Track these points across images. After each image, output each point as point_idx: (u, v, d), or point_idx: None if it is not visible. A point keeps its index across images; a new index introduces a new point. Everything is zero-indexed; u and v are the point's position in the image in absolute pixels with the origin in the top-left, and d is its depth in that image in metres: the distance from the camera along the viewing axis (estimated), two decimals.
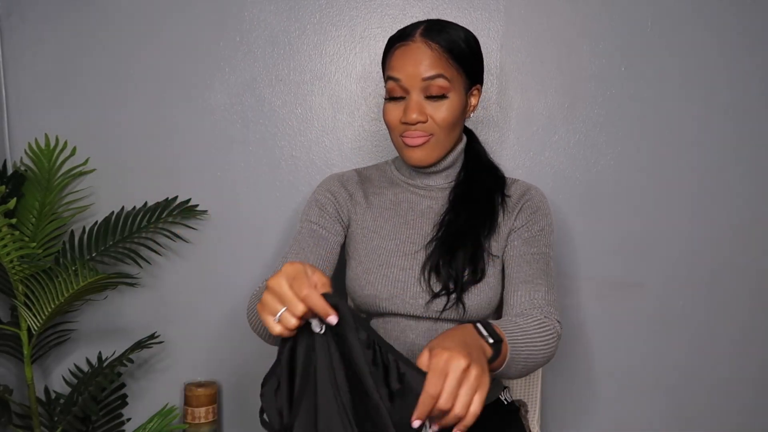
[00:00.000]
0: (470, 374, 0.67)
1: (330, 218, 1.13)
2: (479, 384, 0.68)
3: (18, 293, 1.23)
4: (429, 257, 1.06)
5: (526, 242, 1.06)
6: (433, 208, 1.12)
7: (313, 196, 1.16)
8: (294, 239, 1.11)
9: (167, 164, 1.42)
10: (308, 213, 1.14)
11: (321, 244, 1.10)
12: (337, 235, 1.13)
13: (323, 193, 1.16)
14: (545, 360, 0.93)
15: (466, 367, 0.67)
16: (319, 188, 1.18)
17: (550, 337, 0.93)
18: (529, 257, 1.04)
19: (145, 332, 1.42)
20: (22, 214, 1.30)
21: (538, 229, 1.08)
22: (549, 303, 0.99)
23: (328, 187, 1.17)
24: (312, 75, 1.41)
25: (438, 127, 1.04)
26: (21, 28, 1.38)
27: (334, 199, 1.15)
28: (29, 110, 1.40)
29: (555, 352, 0.95)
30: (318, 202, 1.14)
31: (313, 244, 1.09)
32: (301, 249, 1.08)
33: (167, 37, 1.39)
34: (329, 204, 1.14)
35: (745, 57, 1.41)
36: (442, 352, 0.68)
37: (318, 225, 1.11)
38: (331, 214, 1.13)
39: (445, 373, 0.67)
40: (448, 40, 1.02)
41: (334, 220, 1.13)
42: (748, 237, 1.47)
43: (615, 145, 1.43)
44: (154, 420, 1.23)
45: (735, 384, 1.51)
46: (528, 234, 1.07)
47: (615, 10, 1.39)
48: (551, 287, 1.02)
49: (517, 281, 1.03)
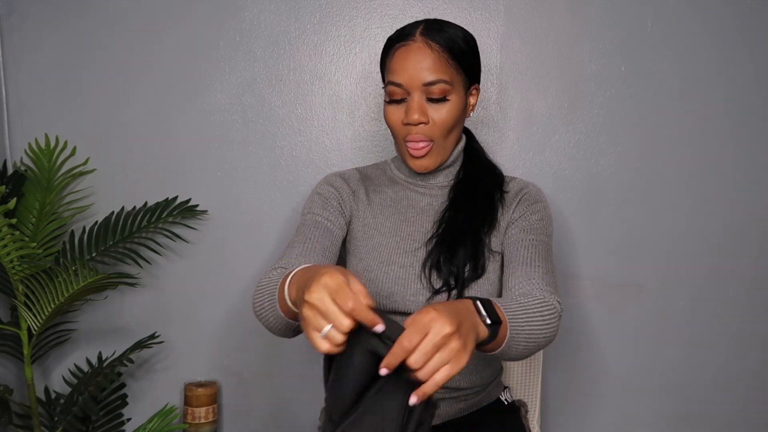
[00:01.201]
0: (450, 343, 0.65)
1: (333, 211, 1.12)
2: (455, 358, 0.65)
3: (18, 293, 1.23)
4: (430, 254, 1.06)
5: (524, 230, 1.06)
6: (433, 205, 1.13)
7: (315, 190, 1.16)
8: (298, 231, 1.09)
9: (167, 164, 1.42)
10: (311, 206, 1.13)
11: (326, 235, 1.08)
12: (341, 228, 1.12)
13: (326, 186, 1.16)
14: (547, 340, 0.91)
15: (449, 334, 0.65)
16: (320, 183, 1.17)
17: (551, 317, 0.91)
18: (527, 242, 1.04)
19: (145, 332, 1.42)
20: (22, 214, 1.30)
21: (537, 219, 1.08)
22: (549, 284, 0.98)
23: (330, 182, 1.17)
24: (312, 75, 1.41)
25: (438, 129, 1.04)
26: (21, 28, 1.38)
27: (336, 192, 1.15)
28: (29, 110, 1.40)
29: (557, 332, 0.92)
30: (321, 195, 1.14)
31: (319, 235, 1.07)
32: (307, 239, 1.06)
33: (167, 37, 1.39)
34: (332, 197, 1.14)
35: (744, 57, 1.41)
36: (430, 310, 0.66)
37: (322, 217, 1.11)
38: (335, 207, 1.13)
39: (425, 332, 0.65)
40: (448, 40, 1.02)
41: (338, 213, 1.13)
42: (748, 237, 1.47)
43: (615, 145, 1.43)
44: (154, 420, 1.23)
45: (734, 384, 1.51)
46: (526, 223, 1.07)
47: (615, 10, 1.39)
48: (550, 271, 1.02)
49: (516, 264, 1.01)
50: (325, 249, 1.06)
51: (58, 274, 1.19)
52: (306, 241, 1.06)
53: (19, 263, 1.18)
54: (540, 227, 1.07)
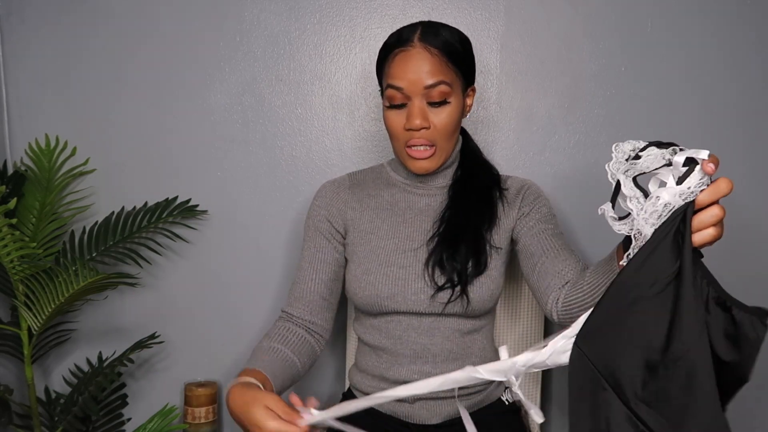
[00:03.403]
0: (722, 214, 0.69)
1: (330, 239, 1.15)
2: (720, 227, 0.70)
3: (18, 293, 1.23)
4: (432, 252, 1.07)
5: (542, 221, 1.09)
6: (431, 205, 1.13)
7: (309, 220, 1.18)
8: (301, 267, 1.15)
9: (167, 164, 1.42)
10: (309, 239, 1.16)
11: (330, 262, 1.14)
12: (341, 253, 1.16)
13: (317, 212, 1.17)
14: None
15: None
16: (312, 207, 1.19)
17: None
18: (550, 232, 1.07)
19: (145, 332, 1.42)
20: (22, 214, 1.30)
21: (547, 210, 1.12)
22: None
23: (320, 203, 1.18)
24: (312, 75, 1.41)
25: (440, 134, 1.05)
26: (21, 28, 1.38)
27: (327, 213, 1.16)
28: (29, 110, 1.40)
29: None
30: (316, 228, 1.16)
31: (323, 267, 1.14)
32: (314, 271, 1.13)
33: (167, 37, 1.39)
34: (323, 224, 1.16)
35: (745, 56, 1.41)
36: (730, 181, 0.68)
37: (321, 252, 1.14)
38: (331, 234, 1.15)
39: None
40: (446, 43, 1.03)
41: (334, 240, 1.15)
42: (748, 237, 1.47)
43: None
44: (154, 420, 1.23)
45: None
46: (539, 215, 1.10)
47: (615, 9, 1.39)
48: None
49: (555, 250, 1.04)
50: (334, 275, 1.14)
51: (58, 274, 1.19)
52: (314, 273, 1.13)
53: (19, 263, 1.18)
54: (552, 218, 1.11)
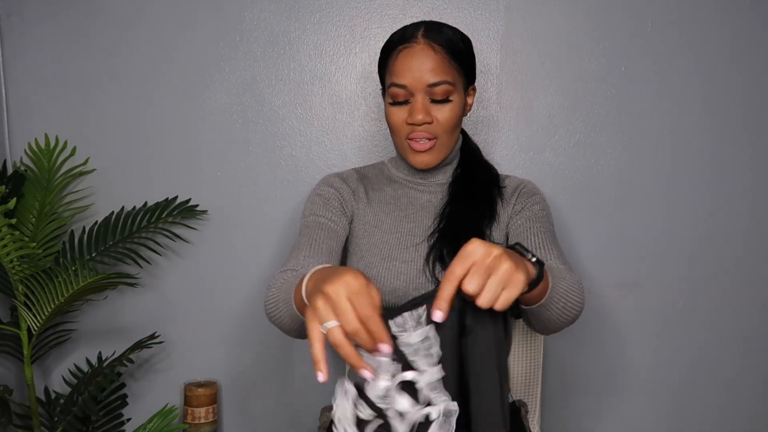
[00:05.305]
0: (502, 264, 0.60)
1: (336, 211, 1.13)
2: (512, 279, 0.60)
3: (18, 293, 1.23)
4: (433, 247, 1.07)
5: (530, 219, 1.09)
6: (432, 201, 1.14)
7: (314, 192, 1.16)
8: (302, 233, 1.09)
9: (167, 164, 1.42)
10: (312, 208, 1.13)
11: (331, 236, 1.08)
12: (344, 228, 1.12)
13: (325, 188, 1.16)
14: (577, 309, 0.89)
15: (498, 256, 0.60)
16: (319, 185, 1.18)
17: (579, 285, 0.91)
18: (535, 230, 1.06)
19: (145, 332, 1.42)
20: (22, 214, 1.30)
21: (539, 209, 1.11)
22: (564, 263, 1.01)
23: (329, 183, 1.17)
24: (312, 75, 1.41)
25: (442, 128, 1.06)
26: (21, 28, 1.38)
27: (337, 192, 1.15)
28: (29, 110, 1.40)
29: (584, 305, 0.90)
30: (322, 197, 1.14)
31: (324, 236, 1.07)
32: (313, 241, 1.05)
33: (167, 37, 1.39)
34: (333, 198, 1.14)
35: (745, 56, 1.41)
36: (473, 240, 0.61)
37: (325, 218, 1.11)
38: (336, 207, 1.13)
39: (472, 259, 0.60)
40: (449, 41, 1.04)
41: (340, 213, 1.13)
42: (749, 237, 1.47)
43: (615, 145, 1.43)
44: (154, 420, 1.23)
45: (736, 384, 1.51)
46: (529, 213, 1.10)
47: (615, 10, 1.39)
48: (562, 254, 1.03)
49: (536, 247, 1.03)
50: (331, 249, 1.06)
51: (58, 274, 1.19)
52: (312, 243, 1.05)
53: (19, 263, 1.18)
54: (543, 216, 1.10)
